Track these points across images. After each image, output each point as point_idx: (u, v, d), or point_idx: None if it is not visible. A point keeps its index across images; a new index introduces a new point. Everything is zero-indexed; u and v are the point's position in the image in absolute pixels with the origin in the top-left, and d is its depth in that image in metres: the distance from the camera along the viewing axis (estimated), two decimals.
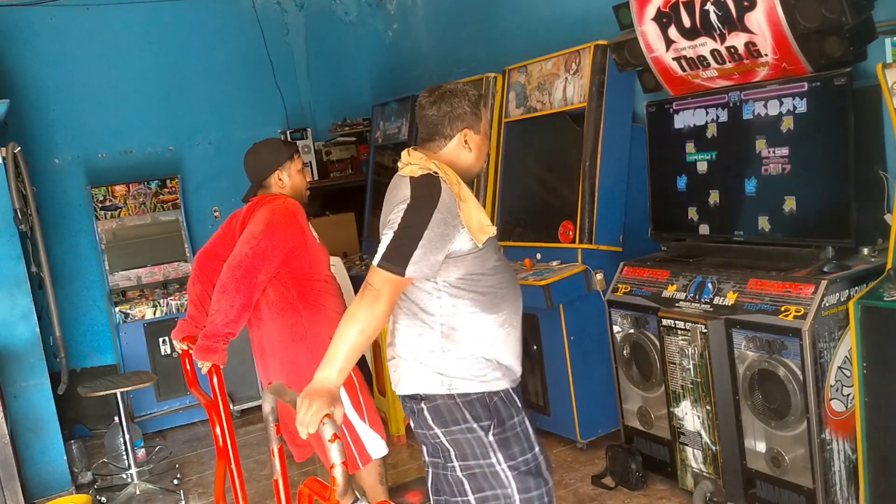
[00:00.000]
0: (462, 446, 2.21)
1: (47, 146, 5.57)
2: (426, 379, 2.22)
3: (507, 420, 2.23)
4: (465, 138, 2.28)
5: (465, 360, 2.20)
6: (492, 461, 2.20)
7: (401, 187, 2.19)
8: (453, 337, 2.19)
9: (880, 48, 2.75)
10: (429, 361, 2.21)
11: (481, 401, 2.21)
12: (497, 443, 2.21)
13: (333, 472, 1.81)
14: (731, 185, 3.36)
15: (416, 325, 2.22)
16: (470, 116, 2.27)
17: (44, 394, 4.40)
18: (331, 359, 2.03)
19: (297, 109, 6.41)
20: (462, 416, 2.20)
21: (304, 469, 4.14)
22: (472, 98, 2.28)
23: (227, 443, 3.00)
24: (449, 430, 2.21)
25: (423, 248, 2.08)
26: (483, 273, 2.21)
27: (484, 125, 2.33)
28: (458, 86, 2.31)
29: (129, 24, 5.74)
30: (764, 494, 3.06)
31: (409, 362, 2.24)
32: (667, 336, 3.33)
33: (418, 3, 6.00)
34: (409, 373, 2.24)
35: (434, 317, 2.19)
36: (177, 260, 5.70)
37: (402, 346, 2.26)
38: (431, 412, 2.22)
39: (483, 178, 4.58)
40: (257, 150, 3.21)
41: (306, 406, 1.91)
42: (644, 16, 3.38)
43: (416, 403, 2.25)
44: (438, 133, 2.27)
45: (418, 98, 2.32)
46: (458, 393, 2.20)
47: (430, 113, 2.27)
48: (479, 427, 2.20)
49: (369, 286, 2.07)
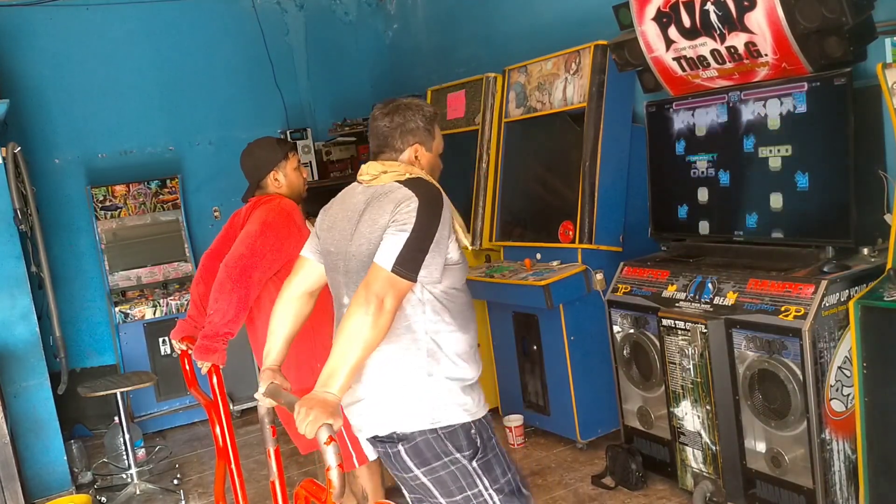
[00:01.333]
0: (446, 483, 2.11)
1: (47, 146, 5.57)
2: (406, 414, 2.08)
3: (486, 443, 2.16)
4: (415, 153, 2.21)
5: (446, 384, 2.09)
6: (479, 489, 2.12)
7: (390, 191, 2.08)
8: (437, 356, 2.08)
9: (880, 48, 2.74)
10: (410, 391, 2.07)
11: (464, 429, 2.11)
12: (481, 468, 2.13)
13: (329, 475, 1.81)
14: (730, 185, 3.35)
15: (399, 350, 2.07)
16: (422, 132, 2.21)
17: (44, 394, 4.40)
18: (335, 375, 1.93)
19: (297, 109, 6.41)
20: (444, 449, 2.09)
21: (303, 470, 4.15)
22: (426, 114, 2.22)
23: (227, 443, 3.01)
24: (431, 469, 2.10)
25: (433, 252, 2.02)
26: (459, 289, 2.15)
27: (437, 144, 2.26)
28: (415, 101, 2.25)
29: (129, 23, 5.74)
30: (764, 494, 3.06)
31: (384, 399, 2.09)
32: (667, 336, 3.33)
33: (418, 3, 6.00)
34: (385, 411, 2.09)
35: (418, 333, 2.07)
36: (177, 260, 5.70)
37: (375, 382, 2.09)
38: (410, 452, 2.10)
39: (483, 178, 4.58)
40: (252, 151, 3.20)
41: (304, 413, 1.86)
42: (644, 16, 3.38)
43: (391, 446, 2.12)
44: (388, 145, 2.20)
45: (373, 110, 2.26)
46: (440, 426, 2.08)
47: (381, 124, 2.21)
48: (462, 456, 2.11)
49: (374, 295, 1.94)
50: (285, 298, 2.33)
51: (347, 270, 2.16)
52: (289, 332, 2.33)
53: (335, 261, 2.21)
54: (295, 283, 2.34)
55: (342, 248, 2.17)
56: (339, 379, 1.93)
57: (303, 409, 1.87)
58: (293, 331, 2.34)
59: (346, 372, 1.94)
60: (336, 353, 1.95)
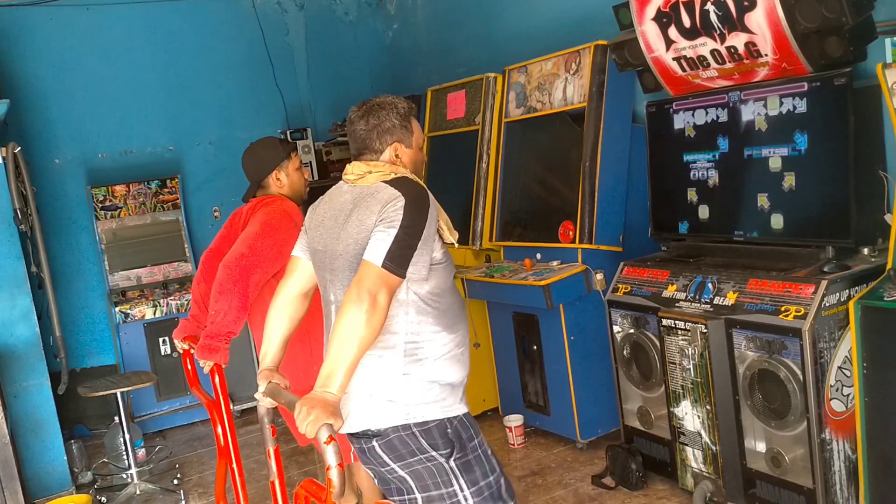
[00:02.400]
0: (422, 476, 2.12)
1: (47, 146, 5.57)
2: (379, 411, 2.09)
3: (467, 443, 2.16)
4: (395, 152, 2.21)
5: (423, 383, 2.10)
6: (454, 489, 2.12)
7: (377, 191, 2.10)
8: (417, 355, 2.09)
9: (880, 48, 2.74)
10: (384, 391, 2.08)
11: (440, 427, 2.11)
12: (459, 468, 2.13)
13: (329, 474, 1.81)
14: (730, 185, 3.36)
15: (376, 350, 2.06)
16: (399, 130, 2.21)
17: (44, 394, 4.40)
18: (333, 373, 1.94)
19: (297, 109, 6.41)
20: (419, 446, 2.10)
21: (303, 470, 4.15)
22: (400, 111, 2.22)
23: (228, 442, 3.01)
24: (406, 463, 2.11)
25: (420, 249, 2.04)
26: (445, 289, 2.16)
27: (416, 139, 2.26)
28: (388, 99, 2.25)
29: (129, 24, 5.74)
30: (764, 494, 3.06)
31: (360, 395, 2.09)
32: (667, 336, 3.33)
33: (418, 3, 6.01)
34: (359, 407, 2.10)
35: (398, 335, 2.08)
36: (177, 260, 5.70)
37: (354, 378, 2.06)
38: (384, 448, 2.11)
39: (483, 178, 4.58)
40: (254, 150, 3.20)
41: (305, 413, 1.87)
42: (644, 16, 3.38)
43: (365, 441, 2.13)
44: (368, 147, 2.21)
45: (349, 113, 2.27)
46: (415, 422, 2.09)
47: (358, 127, 2.21)
48: (438, 455, 2.11)
49: (366, 291, 1.95)
50: (280, 301, 2.36)
51: (333, 269, 2.18)
52: (285, 334, 2.36)
53: (322, 259, 2.24)
54: (289, 286, 2.37)
55: (329, 247, 2.19)
56: (337, 378, 1.94)
57: (303, 409, 1.88)
58: (289, 332, 2.37)
59: (343, 370, 1.95)
60: (333, 353, 1.96)
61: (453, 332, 2.16)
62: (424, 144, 2.32)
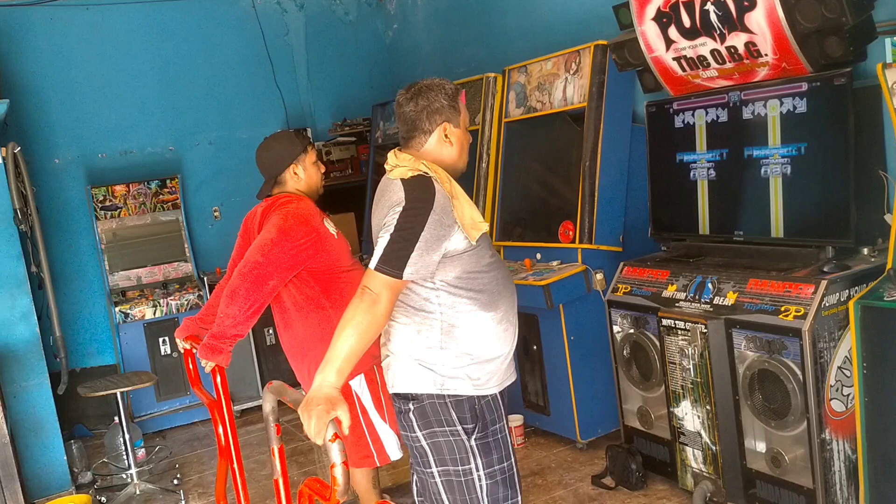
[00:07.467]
0: (442, 449, 2.22)
1: (47, 146, 5.57)
2: (419, 377, 2.22)
3: (490, 425, 2.26)
4: (444, 132, 2.27)
5: (460, 358, 2.21)
6: (470, 467, 2.21)
7: (393, 190, 2.18)
8: (453, 333, 2.20)
9: (880, 48, 2.74)
10: (424, 358, 2.21)
11: (470, 402, 2.22)
12: (478, 447, 2.22)
13: (334, 472, 1.81)
14: (730, 185, 3.36)
15: (415, 323, 2.22)
16: (448, 110, 2.26)
17: (44, 394, 4.40)
18: (329, 360, 2.02)
19: (297, 109, 6.41)
20: (448, 418, 2.21)
21: (303, 470, 4.15)
22: (448, 91, 2.27)
23: (229, 442, 3.01)
24: (432, 432, 2.22)
25: (420, 250, 2.09)
26: (479, 271, 2.21)
27: (463, 118, 2.32)
28: (435, 81, 2.30)
29: (129, 23, 5.75)
30: (764, 494, 3.06)
31: (404, 360, 2.24)
32: (667, 336, 3.33)
33: (418, 3, 6.01)
34: (403, 370, 2.24)
35: (433, 314, 2.20)
36: (177, 260, 5.71)
37: (398, 344, 2.25)
38: (417, 413, 2.23)
39: (483, 178, 4.59)
40: (270, 145, 3.12)
41: (307, 418, 1.89)
42: (644, 16, 3.38)
43: (404, 403, 2.26)
44: (417, 128, 2.26)
45: (396, 97, 2.31)
46: (448, 394, 2.21)
47: (407, 109, 2.27)
48: (462, 430, 2.21)
49: (367, 289, 2.07)
50: None
51: None
52: None
53: None
54: None
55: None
56: (333, 363, 2.02)
57: (304, 416, 1.90)
58: None
59: (340, 356, 2.02)
60: (333, 340, 2.05)
61: (491, 309, 2.23)
62: None
